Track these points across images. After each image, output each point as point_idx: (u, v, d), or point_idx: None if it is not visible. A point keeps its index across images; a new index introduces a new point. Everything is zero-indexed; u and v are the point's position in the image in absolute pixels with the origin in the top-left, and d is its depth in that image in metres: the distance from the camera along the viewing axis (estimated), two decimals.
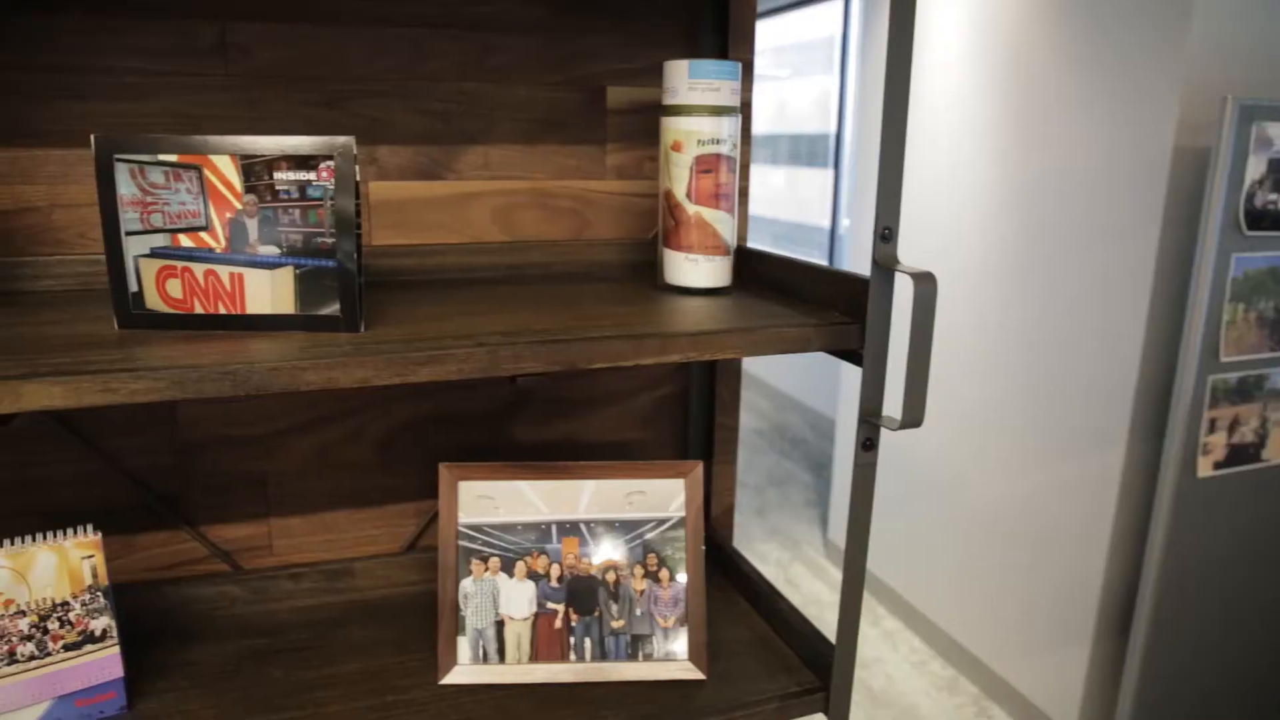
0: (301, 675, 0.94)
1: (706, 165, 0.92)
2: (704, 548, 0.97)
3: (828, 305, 0.88)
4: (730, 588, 1.13)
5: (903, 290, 0.85)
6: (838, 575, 3.38)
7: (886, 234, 0.79)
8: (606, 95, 1.11)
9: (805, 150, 5.27)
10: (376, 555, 1.13)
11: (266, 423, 1.08)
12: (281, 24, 0.99)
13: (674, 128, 0.92)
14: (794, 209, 5.46)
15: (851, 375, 3.21)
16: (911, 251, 2.80)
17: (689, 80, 0.90)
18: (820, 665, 0.95)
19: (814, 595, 3.23)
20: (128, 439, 1.05)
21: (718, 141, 0.92)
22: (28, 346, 0.70)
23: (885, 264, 0.80)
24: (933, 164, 2.67)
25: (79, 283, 0.96)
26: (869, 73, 3.00)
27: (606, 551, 0.95)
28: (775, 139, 5.60)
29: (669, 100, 0.92)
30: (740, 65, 0.93)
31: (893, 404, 0.80)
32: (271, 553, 1.13)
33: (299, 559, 1.13)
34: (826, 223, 5.04)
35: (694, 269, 0.94)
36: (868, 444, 0.85)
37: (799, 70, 5.34)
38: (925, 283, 0.77)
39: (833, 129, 4.94)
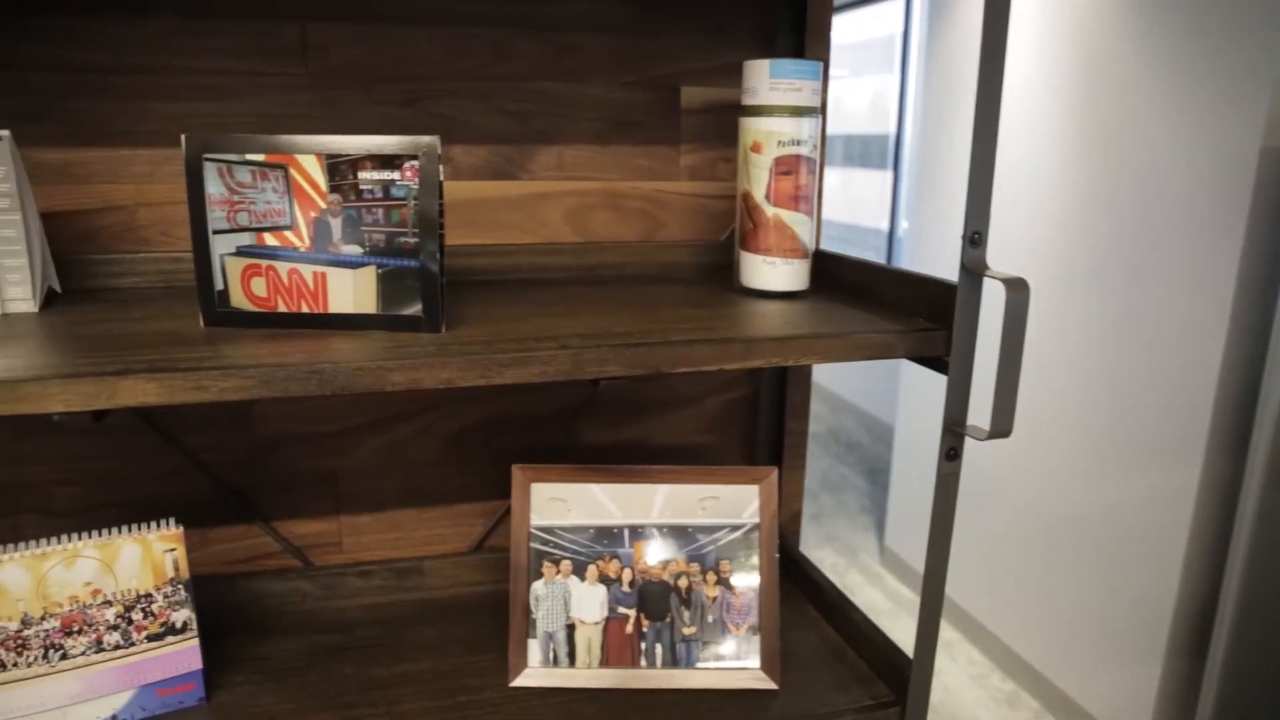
0: (373, 673, 0.94)
1: (786, 166, 0.91)
2: (778, 555, 0.95)
3: (909, 311, 0.86)
4: (799, 595, 1.11)
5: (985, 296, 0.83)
6: (895, 583, 3.33)
7: (976, 238, 0.77)
8: (681, 95, 1.10)
9: (860, 151, 5.20)
10: (444, 555, 1.13)
11: (338, 421, 1.09)
12: (360, 24, 0.99)
13: (753, 128, 0.91)
14: (848, 211, 5.39)
15: (914, 381, 3.16)
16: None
17: (770, 80, 0.89)
18: (895, 678, 0.92)
19: (870, 603, 3.19)
20: (206, 435, 1.06)
21: (798, 142, 0.90)
22: (119, 343, 0.71)
23: (974, 269, 0.77)
24: (1007, 164, 2.61)
25: (161, 280, 0.98)
26: (934, 72, 2.95)
27: (679, 557, 0.94)
28: (830, 140, 5.53)
29: (749, 100, 0.91)
30: (821, 65, 0.91)
31: (972, 412, 0.78)
32: (341, 549, 1.14)
33: (368, 556, 1.14)
34: (883, 225, 4.97)
35: (772, 272, 0.93)
36: (951, 453, 0.82)
37: (856, 70, 5.27)
38: (1017, 289, 0.75)
39: (891, 130, 4.87)
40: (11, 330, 0.77)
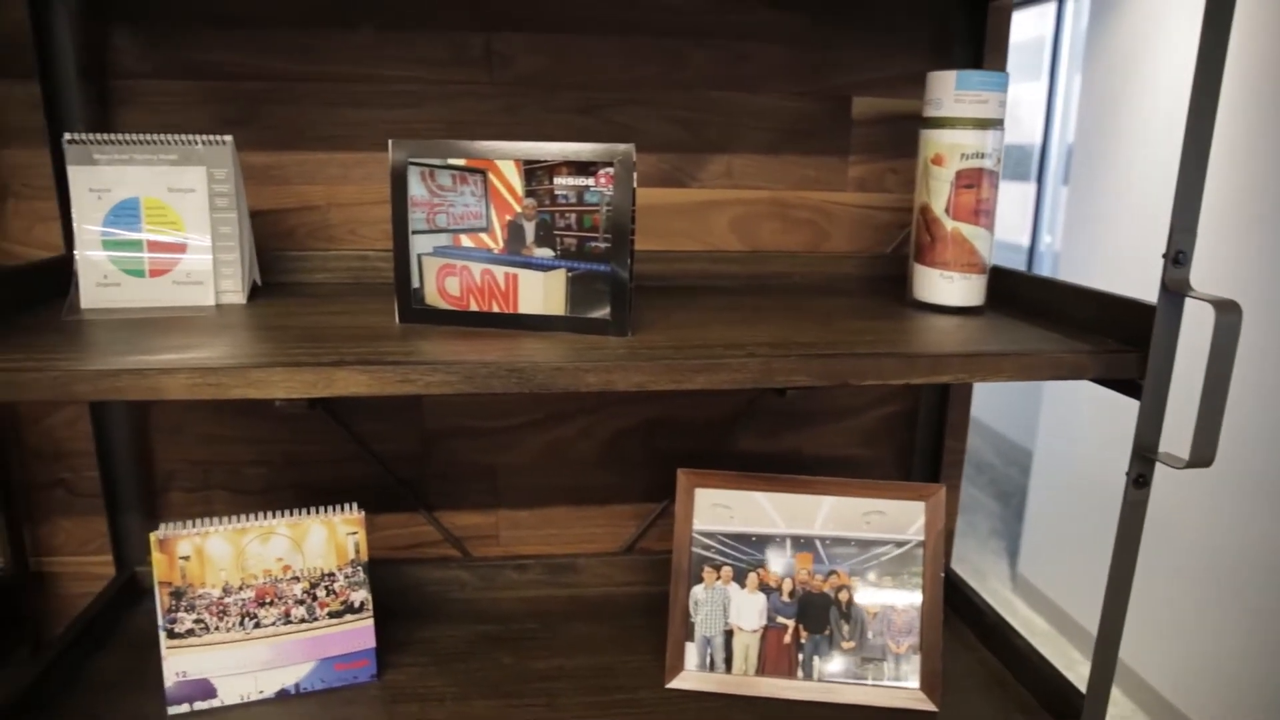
0: (532, 665, 0.97)
1: (968, 180, 0.89)
2: (943, 575, 0.93)
3: (1093, 330, 0.83)
4: (955, 617, 1.08)
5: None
6: (1027, 611, 3.20)
7: (1180, 257, 0.73)
8: (852, 105, 1.09)
9: None
10: (597, 553, 1.15)
11: (502, 418, 1.13)
12: (543, 34, 1.02)
13: (936, 140, 0.89)
14: None
15: (1058, 404, 3.03)
16: (1147, 268, 2.61)
17: (955, 92, 0.87)
18: (1063, 711, 0.89)
19: None
20: (378, 425, 1.12)
21: (981, 155, 0.88)
22: (325, 335, 0.76)
23: (1176, 289, 0.74)
24: (1172, 172, 2.48)
25: (350, 276, 1.03)
26: (1095, 77, 2.82)
27: (841, 570, 0.93)
28: None
29: (932, 112, 0.89)
30: (1008, 76, 0.89)
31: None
32: (498, 542, 1.17)
33: (523, 550, 1.17)
34: (1023, 240, 4.79)
35: (948, 286, 0.91)
36: (1140, 480, 0.79)
37: None
38: (1228, 311, 0.71)
39: (1037, 140, 4.69)
40: (225, 320, 0.83)
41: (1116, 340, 0.80)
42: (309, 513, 0.90)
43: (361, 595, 0.92)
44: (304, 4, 0.99)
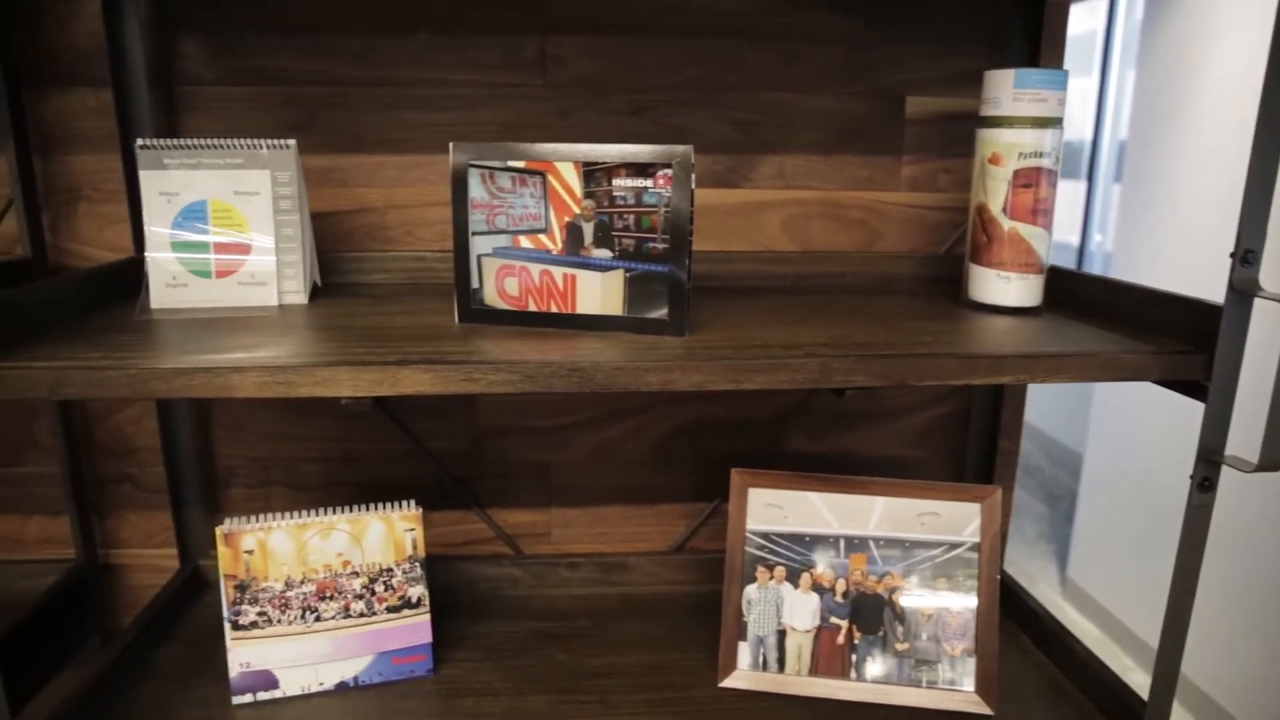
0: (585, 662, 0.98)
1: (1026, 179, 0.88)
2: (999, 577, 0.92)
3: (1153, 330, 0.81)
4: (1009, 622, 1.07)
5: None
6: (1076, 616, 3.15)
7: (1249, 257, 0.72)
8: (905, 105, 1.08)
9: None
10: (648, 553, 1.16)
11: (555, 416, 1.14)
12: (596, 37, 1.03)
13: (993, 140, 0.89)
14: None
15: (1110, 407, 2.98)
16: (1204, 267, 2.55)
17: (1013, 90, 0.86)
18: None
19: None
20: (433, 423, 1.13)
21: (1040, 154, 0.87)
22: (387, 335, 0.77)
23: (1245, 290, 0.72)
24: (1226, 162, 2.42)
25: (406, 277, 1.05)
26: (1151, 72, 2.76)
27: (895, 571, 0.93)
28: None
29: (989, 111, 0.89)
30: (1067, 74, 0.88)
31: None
32: (549, 540, 1.18)
33: (574, 549, 1.18)
34: (1072, 239, 4.71)
35: (1005, 287, 0.90)
36: (1206, 484, 0.77)
37: None
38: None
39: (1085, 136, 4.61)
40: (288, 320, 0.85)
41: (1180, 341, 0.79)
42: (368, 509, 0.92)
43: (418, 591, 0.94)
44: (363, 11, 1.01)
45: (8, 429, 1.10)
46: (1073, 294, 0.95)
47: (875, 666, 0.92)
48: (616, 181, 0.75)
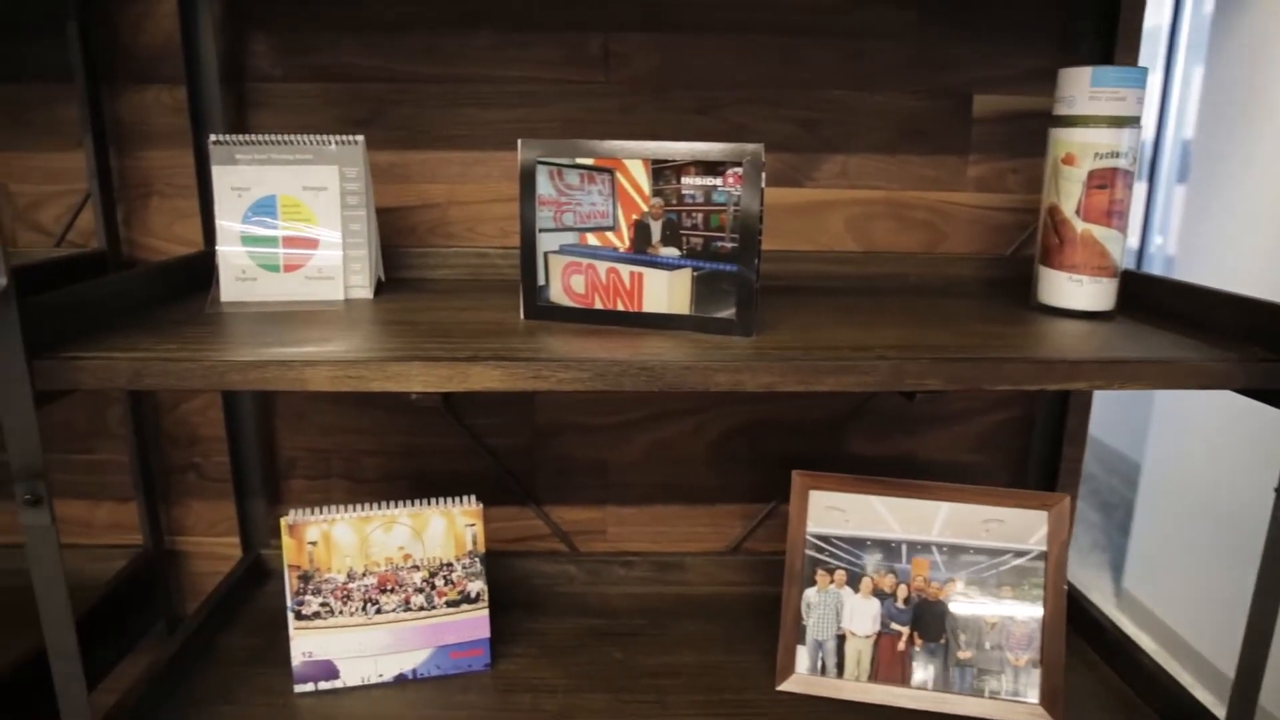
0: (641, 661, 0.98)
1: (1101, 180, 0.86)
2: (1066, 587, 0.90)
3: (1232, 337, 0.79)
4: (1072, 633, 1.05)
5: None
6: (1132, 629, 3.07)
7: None
8: (973, 103, 1.06)
9: None
10: (704, 553, 1.16)
11: (613, 415, 1.14)
12: (660, 34, 1.03)
13: (1067, 139, 0.87)
14: None
15: (1171, 414, 2.90)
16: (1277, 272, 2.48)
17: (1090, 89, 0.84)
18: None
19: None
20: (490, 419, 1.14)
21: (1116, 155, 0.85)
22: (453, 331, 0.78)
23: None
24: None
25: (469, 273, 1.06)
26: (1222, 69, 2.68)
27: (958, 578, 0.91)
28: None
29: (1064, 110, 0.87)
30: (1147, 71, 0.85)
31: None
32: (605, 538, 1.18)
33: (630, 547, 1.18)
34: (1131, 241, 4.60)
35: (1077, 290, 0.88)
36: None
37: None
38: None
39: (1149, 135, 4.50)
40: (355, 314, 0.86)
41: (1261, 348, 0.76)
42: (429, 504, 0.92)
43: (478, 586, 0.94)
44: (428, 8, 1.01)
45: (83, 417, 1.13)
46: (1143, 297, 0.93)
47: (936, 674, 0.90)
48: (685, 180, 0.74)
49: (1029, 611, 0.90)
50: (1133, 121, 0.85)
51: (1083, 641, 1.03)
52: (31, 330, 0.65)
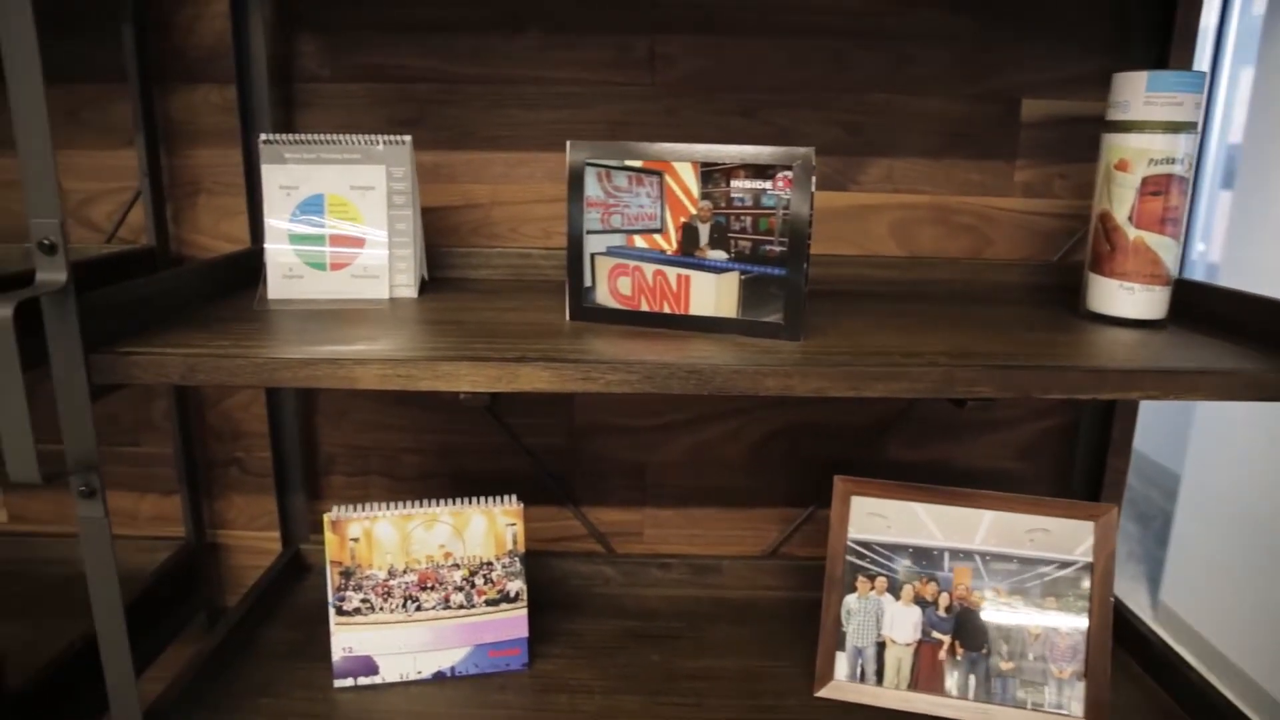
0: (679, 664, 0.97)
1: (1156, 186, 0.84)
2: (1113, 599, 0.89)
3: None
4: (1116, 646, 1.03)
5: None
6: (1169, 642, 3.02)
7: None
8: (1021, 108, 1.05)
9: None
10: (741, 556, 1.15)
11: (652, 416, 1.14)
12: (706, 36, 1.03)
13: (1120, 145, 0.85)
14: None
15: (1213, 426, 2.86)
16: None
17: (1145, 94, 0.83)
18: None
19: None
20: (529, 419, 1.14)
21: (1172, 161, 0.84)
22: (499, 331, 0.78)
23: None
24: None
25: (511, 273, 1.06)
26: (1276, 70, 2.63)
27: (1001, 587, 0.90)
28: None
29: (1117, 115, 0.85)
30: (1205, 76, 0.84)
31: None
32: (641, 540, 1.18)
33: (666, 550, 1.18)
34: None
35: (1128, 298, 0.87)
36: None
37: None
38: None
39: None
40: (400, 313, 0.86)
41: None
42: (470, 502, 0.93)
43: (517, 585, 0.95)
44: (475, 10, 1.02)
45: (129, 411, 1.15)
46: (1195, 305, 0.91)
47: (978, 685, 0.89)
48: (735, 183, 0.74)
49: (1073, 623, 0.89)
50: (1189, 127, 0.84)
51: (1126, 654, 1.02)
52: (88, 325, 0.67)
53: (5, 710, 0.74)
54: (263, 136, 0.91)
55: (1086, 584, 0.89)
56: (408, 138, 0.92)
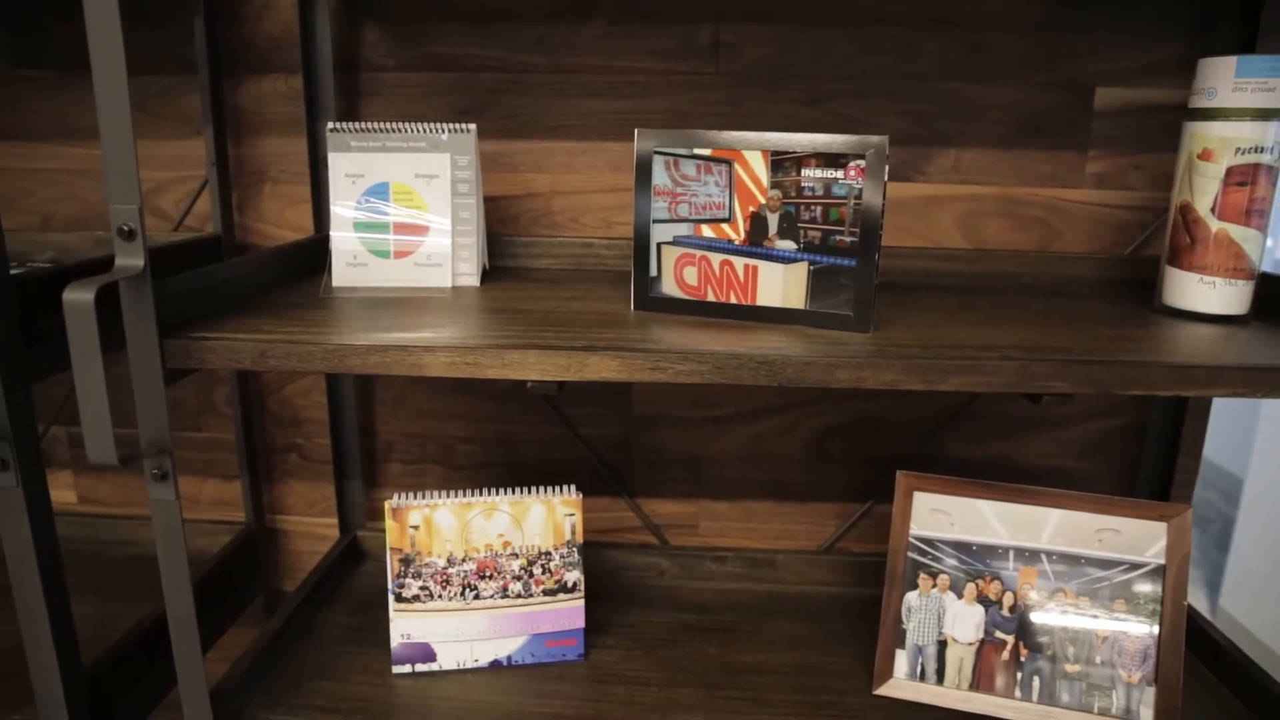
0: (736, 658, 0.97)
1: (1241, 176, 0.82)
2: (1186, 603, 0.86)
3: None
4: (1188, 652, 1.00)
5: None
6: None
7: None
8: (1095, 96, 1.02)
9: None
10: (796, 551, 1.14)
11: (710, 409, 1.13)
12: (771, 24, 1.01)
13: (1205, 133, 0.82)
14: None
15: (1278, 427, 2.77)
16: None
17: (1234, 80, 0.80)
18: None
19: None
20: (586, 410, 1.14)
21: (1260, 150, 0.81)
22: (564, 320, 0.78)
23: None
24: None
25: (572, 262, 1.06)
26: None
27: (1068, 588, 0.88)
28: None
29: (1202, 103, 0.83)
30: None
31: None
32: (696, 532, 1.18)
33: (721, 543, 1.17)
34: None
35: (1208, 293, 0.84)
36: None
37: None
38: None
39: None
40: (463, 301, 0.86)
41: None
42: (530, 492, 0.93)
43: (575, 575, 0.95)
44: None
45: (193, 396, 1.16)
46: (1277, 300, 0.88)
47: (1043, 687, 0.88)
48: (805, 172, 0.73)
49: (1143, 627, 0.86)
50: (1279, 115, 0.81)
51: (1198, 661, 0.99)
52: (163, 310, 0.67)
53: (78, 686, 0.76)
54: (329, 125, 0.91)
55: (1157, 587, 0.87)
56: (472, 126, 0.92)
